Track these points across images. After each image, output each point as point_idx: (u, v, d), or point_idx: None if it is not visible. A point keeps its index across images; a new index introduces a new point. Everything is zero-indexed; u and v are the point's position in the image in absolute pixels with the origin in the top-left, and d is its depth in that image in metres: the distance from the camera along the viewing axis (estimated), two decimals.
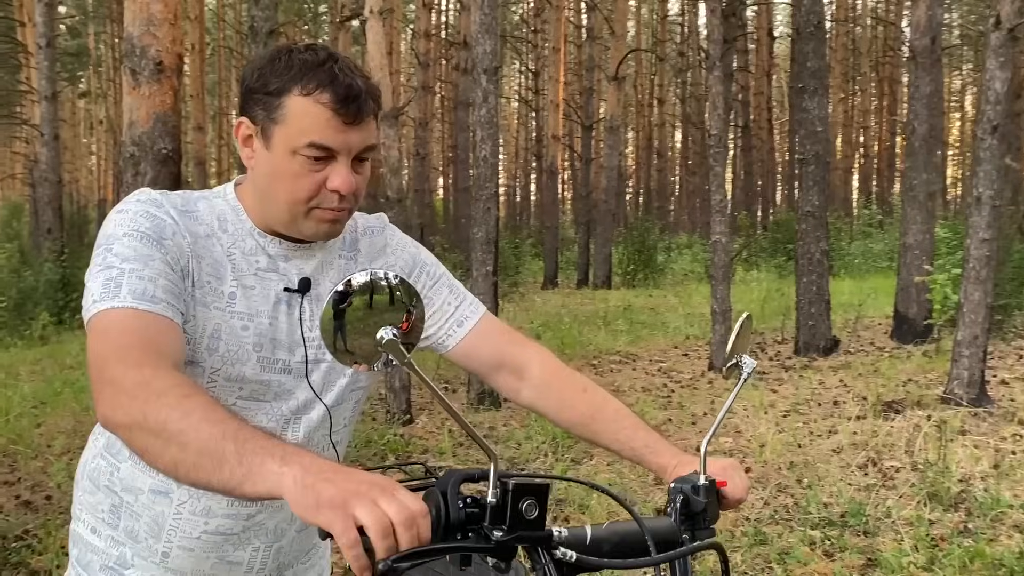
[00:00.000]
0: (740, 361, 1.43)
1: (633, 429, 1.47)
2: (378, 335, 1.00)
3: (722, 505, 1.37)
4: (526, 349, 1.55)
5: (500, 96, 27.54)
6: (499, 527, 1.02)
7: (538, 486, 1.05)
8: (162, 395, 1.05)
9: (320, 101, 1.22)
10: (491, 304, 6.87)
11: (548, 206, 20.31)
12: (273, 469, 0.93)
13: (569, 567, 1.13)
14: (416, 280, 1.51)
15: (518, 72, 44.08)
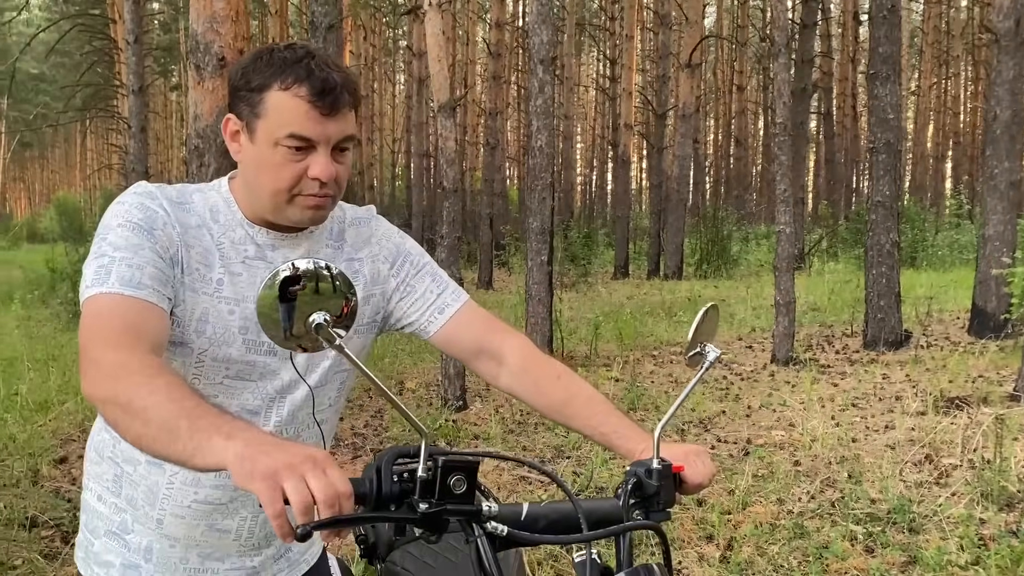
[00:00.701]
0: (703, 349, 1.45)
1: (604, 415, 1.51)
2: (310, 319, 1.07)
3: (681, 490, 1.41)
4: (505, 337, 1.60)
5: (569, 83, 27.35)
6: (427, 500, 1.09)
7: (467, 463, 1.11)
8: (133, 374, 1.14)
9: (298, 95, 1.30)
10: (546, 294, 6.92)
11: (620, 195, 20.16)
12: (219, 444, 1.01)
13: (501, 541, 1.19)
14: (400, 269, 1.58)
15: (595, 60, 43.84)
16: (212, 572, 1.51)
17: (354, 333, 1.53)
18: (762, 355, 8.59)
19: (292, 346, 1.10)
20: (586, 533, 1.23)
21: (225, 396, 1.43)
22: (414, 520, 1.09)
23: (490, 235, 17.15)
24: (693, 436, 5.79)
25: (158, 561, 1.48)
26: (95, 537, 1.52)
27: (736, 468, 4.98)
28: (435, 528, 1.11)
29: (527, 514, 1.25)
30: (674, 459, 1.39)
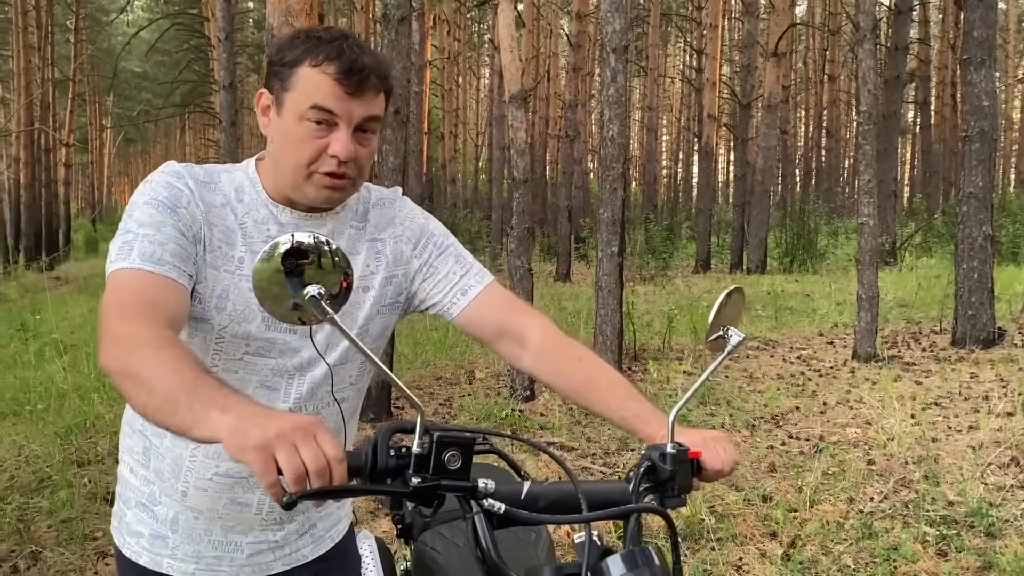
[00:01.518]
0: (726, 333, 1.42)
1: (625, 399, 1.49)
2: (304, 291, 1.07)
3: (701, 476, 1.38)
4: (527, 318, 1.59)
5: (653, 74, 26.97)
6: (421, 475, 1.09)
7: (462, 439, 1.11)
8: (143, 346, 1.17)
9: (326, 71, 1.33)
10: (616, 285, 6.85)
11: (703, 187, 19.82)
12: (214, 417, 1.03)
13: (499, 518, 1.18)
14: (423, 250, 1.59)
15: (681, 51, 43.16)
16: (235, 545, 1.54)
17: (376, 313, 1.55)
18: (843, 351, 8.33)
19: (288, 318, 1.11)
20: (586, 514, 1.22)
21: (245, 372, 1.46)
22: (406, 494, 1.09)
23: (568, 227, 17.08)
24: (763, 432, 5.65)
25: (184, 532, 1.52)
26: (127, 508, 1.57)
27: (806, 465, 4.85)
28: (428, 502, 1.12)
29: (527, 493, 1.24)
30: (693, 444, 1.36)
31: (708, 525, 4.00)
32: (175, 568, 1.54)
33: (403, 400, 6.69)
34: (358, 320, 1.52)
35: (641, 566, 1.15)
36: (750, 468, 4.87)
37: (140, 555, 1.55)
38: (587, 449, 5.33)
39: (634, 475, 1.32)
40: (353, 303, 1.51)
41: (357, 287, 1.52)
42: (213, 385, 1.10)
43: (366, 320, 1.53)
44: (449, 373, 7.63)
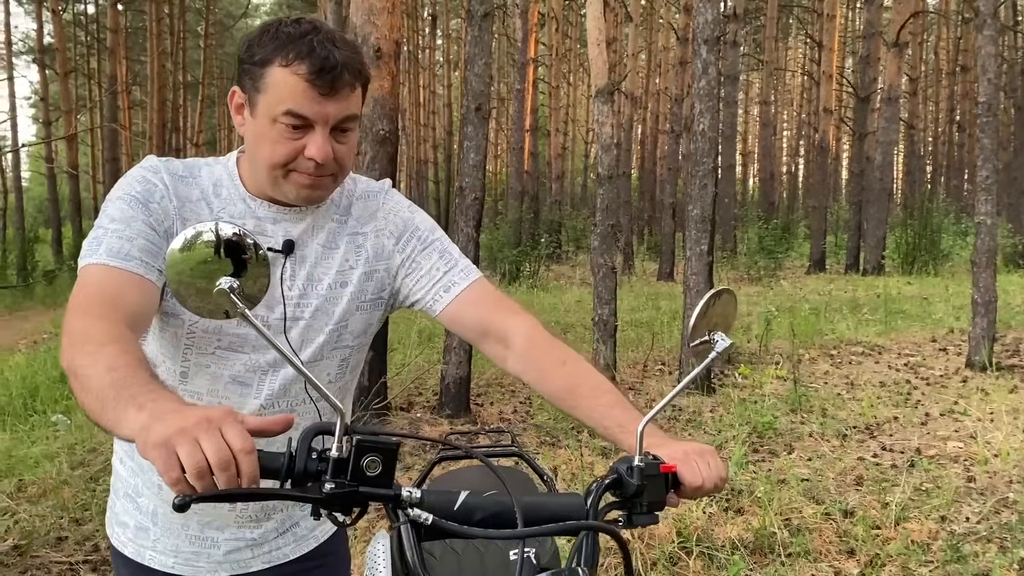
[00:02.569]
0: (712, 337, 1.30)
1: (608, 407, 1.39)
2: (217, 284, 1.02)
3: (679, 492, 1.26)
4: (512, 318, 1.51)
5: (769, 67, 26.02)
6: (337, 480, 1.02)
7: (384, 444, 1.04)
8: (87, 343, 1.14)
9: (297, 72, 1.28)
10: (705, 285, 6.63)
11: (817, 184, 19.03)
12: (131, 416, 0.99)
13: (426, 529, 1.10)
14: (406, 244, 1.53)
15: (802, 43, 41.62)
16: (212, 541, 1.52)
17: (356, 309, 1.51)
18: (956, 359, 7.80)
19: (199, 310, 1.05)
20: (520, 530, 1.12)
21: (216, 366, 1.43)
22: (319, 500, 1.02)
23: (673, 225, 16.73)
24: (855, 442, 5.34)
25: (163, 525, 1.52)
26: (116, 498, 1.58)
27: (896, 479, 4.53)
28: (346, 510, 1.05)
29: (462, 504, 1.15)
30: (670, 457, 1.24)
31: (780, 539, 3.79)
32: (156, 560, 1.53)
33: (483, 398, 6.68)
34: (335, 316, 1.48)
35: None
36: (833, 480, 4.60)
37: (126, 545, 1.55)
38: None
39: (595, 489, 1.22)
40: (329, 299, 1.47)
41: (335, 282, 1.48)
42: (141, 382, 1.06)
43: (343, 316, 1.49)
44: None
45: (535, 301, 12.05)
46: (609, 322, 6.53)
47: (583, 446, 5.21)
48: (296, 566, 1.60)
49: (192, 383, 1.44)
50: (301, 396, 1.49)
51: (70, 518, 4.18)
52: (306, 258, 1.45)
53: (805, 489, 4.43)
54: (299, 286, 1.44)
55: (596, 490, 1.22)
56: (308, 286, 1.45)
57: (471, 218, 5.91)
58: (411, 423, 5.84)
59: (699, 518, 3.95)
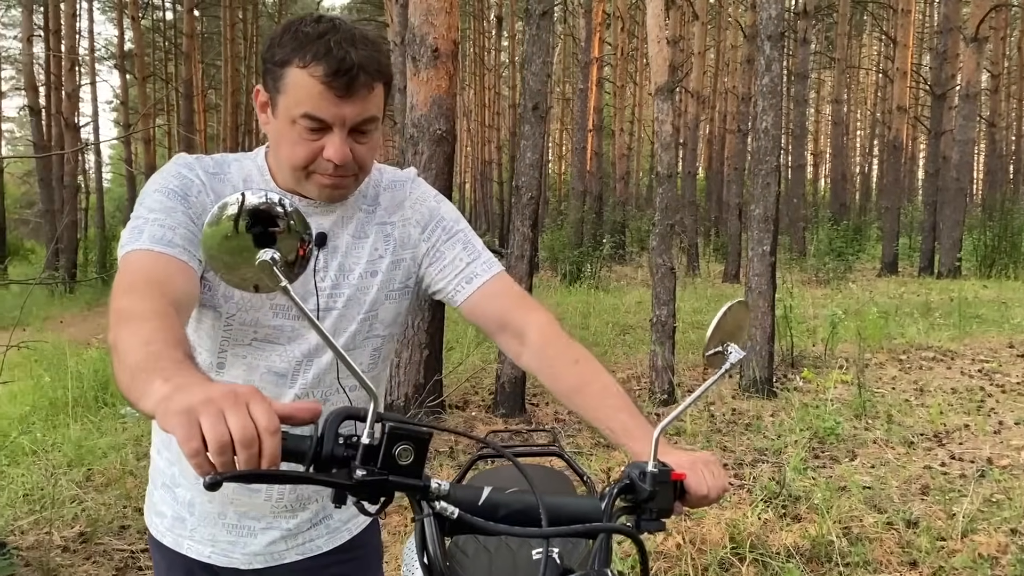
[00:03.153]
0: (726, 349, 1.29)
1: (615, 409, 1.37)
2: (258, 256, 0.99)
3: (684, 501, 1.26)
4: (529, 314, 1.50)
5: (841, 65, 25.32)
6: (367, 467, 1.00)
7: (417, 433, 1.02)
8: (131, 319, 1.13)
9: (314, 74, 1.27)
10: (767, 287, 6.49)
11: (890, 184, 18.47)
12: (155, 388, 0.95)
13: (451, 524, 1.09)
14: (431, 233, 1.53)
15: (876, 39, 40.48)
16: (249, 530, 1.54)
17: (385, 298, 1.51)
18: None
19: (242, 286, 1.03)
20: (545, 529, 1.10)
21: (253, 358, 1.45)
22: (349, 486, 1.00)
23: (739, 225, 16.42)
24: (922, 450, 5.15)
25: (200, 515, 1.53)
26: (154, 488, 1.60)
27: (964, 490, 4.36)
28: (373, 499, 1.02)
29: (486, 499, 1.14)
30: (678, 465, 1.24)
31: (838, 547, 3.68)
32: (193, 550, 1.55)
33: (539, 398, 6.66)
34: (365, 305, 1.49)
35: None
36: (897, 489, 4.45)
37: (164, 535, 1.57)
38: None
39: (609, 493, 1.20)
40: (361, 288, 1.48)
41: (365, 271, 1.48)
42: (175, 359, 1.03)
43: (373, 304, 1.50)
44: None
45: (594, 302, 11.97)
46: (668, 323, 6.44)
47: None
48: (329, 558, 1.61)
49: (228, 374, 1.46)
50: (334, 387, 1.50)
51: (133, 507, 4.30)
52: (337, 249, 1.46)
53: (867, 497, 4.29)
54: (331, 277, 1.45)
55: (610, 494, 1.20)
56: (340, 276, 1.46)
57: (527, 217, 5.90)
58: (465, 422, 5.85)
59: (753, 524, 3.86)
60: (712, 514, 3.98)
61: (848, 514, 4.05)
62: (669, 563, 3.56)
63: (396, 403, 5.73)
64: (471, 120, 32.06)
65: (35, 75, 17.80)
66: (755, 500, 4.16)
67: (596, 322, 9.92)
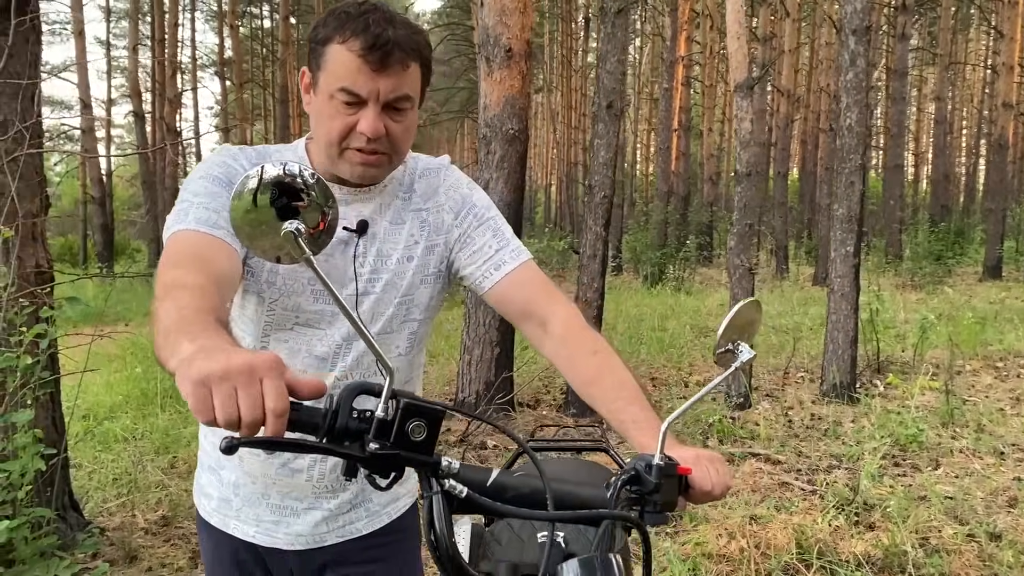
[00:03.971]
0: (736, 348, 1.29)
1: (627, 402, 1.38)
2: (283, 226, 1.00)
3: (688, 496, 1.26)
4: (554, 304, 1.52)
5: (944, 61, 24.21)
6: (381, 442, 1.01)
7: (430, 410, 1.03)
8: (173, 288, 1.17)
9: (351, 48, 1.32)
10: (851, 289, 6.28)
11: (995, 185, 17.61)
12: (182, 348, 0.97)
13: (460, 502, 1.09)
14: (463, 219, 1.56)
15: (984, 35, 38.64)
16: (292, 511, 1.57)
17: (420, 283, 1.54)
18: None
19: (267, 256, 1.04)
20: (551, 512, 1.11)
21: (295, 342, 1.49)
22: (361, 459, 1.01)
23: (829, 227, 15.90)
24: (1012, 461, 4.90)
25: (244, 496, 1.58)
26: (201, 470, 1.66)
27: None
28: (385, 473, 1.04)
29: (494, 481, 1.15)
30: (684, 460, 1.23)
31: (912, 558, 3.54)
32: (239, 530, 1.59)
33: None
34: (401, 289, 1.52)
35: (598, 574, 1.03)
36: (982, 500, 4.24)
37: (211, 516, 1.62)
38: (794, 464, 4.93)
39: (615, 483, 1.20)
40: (398, 273, 1.51)
41: (402, 256, 1.52)
42: (204, 323, 1.05)
43: (409, 288, 1.53)
44: (665, 375, 7.42)
45: (675, 304, 11.80)
46: None
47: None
48: (368, 541, 1.62)
49: None
50: (372, 369, 1.52)
51: None
52: (376, 235, 1.50)
53: (948, 508, 4.11)
54: (370, 262, 1.49)
55: (616, 484, 1.20)
56: (378, 262, 1.50)
57: (600, 216, 5.87)
58: (535, 420, 5.86)
59: (822, 530, 3.75)
60: (779, 519, 3.88)
61: (926, 524, 3.89)
62: (732, 567, 3.49)
63: (467, 400, 5.78)
64: (557, 122, 32.06)
65: (139, 82, 18.70)
66: (826, 506, 4.04)
67: (674, 324, 9.79)
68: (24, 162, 3.55)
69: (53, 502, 3.64)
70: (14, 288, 3.39)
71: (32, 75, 3.66)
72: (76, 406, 5.66)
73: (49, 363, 3.65)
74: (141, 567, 3.70)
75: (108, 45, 30.37)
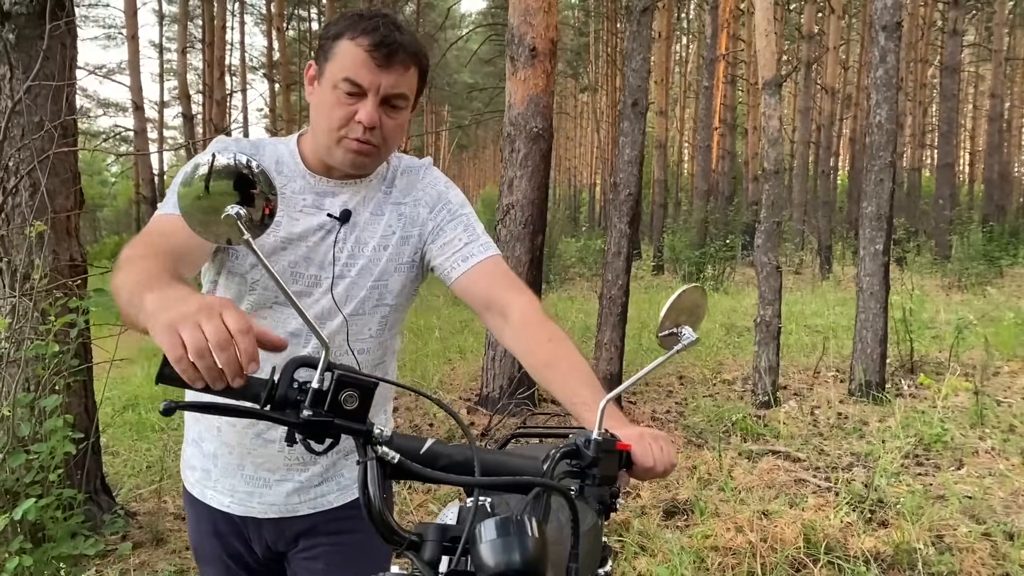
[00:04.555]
0: (680, 331, 1.35)
1: (578, 384, 1.44)
2: (225, 210, 1.06)
3: (632, 472, 1.32)
4: (514, 295, 1.59)
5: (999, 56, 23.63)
6: (316, 410, 1.09)
7: (363, 381, 1.10)
8: (127, 263, 1.29)
9: (360, 44, 1.46)
10: (880, 288, 6.22)
11: None
12: (146, 301, 1.08)
13: (393, 468, 1.16)
14: (437, 213, 1.66)
15: None
16: (264, 481, 1.67)
17: (394, 270, 1.64)
18: None
19: (212, 239, 1.11)
20: (477, 478, 1.17)
21: (273, 320, 1.59)
22: (296, 425, 1.09)
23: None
24: None
25: (222, 467, 1.69)
26: (187, 444, 1.78)
27: None
28: (319, 438, 1.11)
29: (428, 450, 1.22)
30: (627, 437, 1.29)
31: (923, 555, 3.52)
32: (215, 500, 1.70)
33: (637, 396, 6.64)
34: (375, 274, 1.62)
35: (512, 534, 1.08)
36: (1001, 500, 4.19)
37: (193, 486, 1.74)
38: (814, 462, 4.91)
39: (552, 455, 1.26)
40: (372, 259, 1.61)
41: (378, 245, 1.62)
42: (161, 278, 1.16)
43: (382, 274, 1.62)
44: (693, 373, 7.41)
45: (711, 304, 11.74)
46: (772, 323, 6.28)
47: (730, 450, 5.07)
48: (339, 513, 1.71)
49: None
50: (344, 348, 1.62)
51: None
52: (357, 224, 1.61)
53: (966, 507, 4.08)
54: (348, 249, 1.60)
55: (553, 456, 1.25)
56: (356, 248, 1.60)
57: (624, 214, 5.91)
58: (557, 416, 5.91)
59: (833, 526, 3.75)
60: (790, 513, 3.89)
61: (941, 522, 3.86)
62: (738, 559, 3.51)
63: (491, 395, 5.87)
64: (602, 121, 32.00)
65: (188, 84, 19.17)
66: (840, 503, 4.03)
67: (707, 323, 9.75)
68: (57, 160, 3.73)
69: (84, 485, 3.80)
70: (47, 280, 3.56)
71: (68, 76, 3.84)
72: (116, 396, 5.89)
73: (82, 352, 3.83)
74: (167, 549, 3.85)
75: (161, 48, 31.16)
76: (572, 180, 50.43)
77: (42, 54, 3.66)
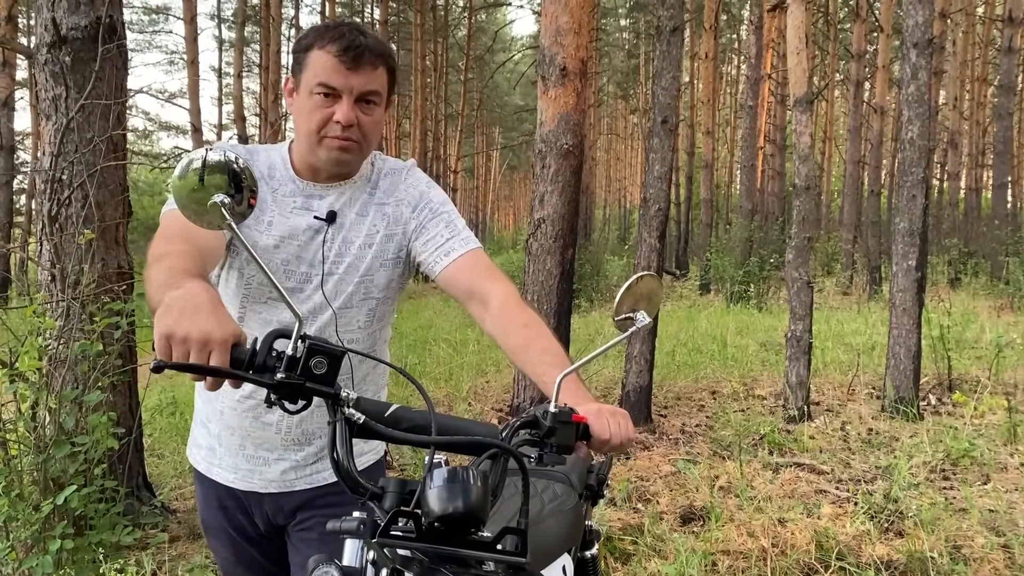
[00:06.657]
0: (635, 315, 1.47)
1: (550, 366, 1.54)
2: (212, 198, 1.23)
3: (590, 445, 1.42)
4: (495, 284, 1.72)
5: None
6: (289, 374, 1.23)
7: (331, 350, 1.25)
8: (160, 259, 1.45)
9: (329, 51, 1.62)
10: (912, 303, 6.20)
11: None
12: (165, 296, 1.23)
13: (359, 428, 1.30)
14: (420, 212, 1.80)
15: None
16: (264, 460, 1.82)
17: (379, 266, 1.78)
18: None
19: (204, 224, 1.26)
20: (434, 438, 1.29)
21: (267, 313, 1.75)
22: (271, 386, 1.23)
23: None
24: None
25: (226, 446, 1.84)
26: (195, 425, 1.93)
27: None
28: (292, 399, 1.25)
29: (391, 413, 1.35)
30: (585, 411, 1.41)
31: (936, 564, 3.54)
32: (221, 476, 1.86)
33: (668, 410, 6.70)
34: (361, 270, 1.76)
35: (457, 482, 1.20)
36: (1023, 514, 4.17)
37: (199, 463, 1.90)
38: (838, 474, 4.92)
39: (511, 424, 1.38)
40: (359, 256, 1.76)
41: (364, 243, 1.76)
42: (186, 276, 1.31)
43: (368, 270, 1.77)
44: (727, 389, 7.43)
45: (750, 322, 11.70)
46: (803, 338, 6.30)
47: (755, 462, 5.11)
48: (334, 488, 1.81)
49: (247, 326, 1.76)
50: (334, 339, 1.76)
51: None
52: (343, 225, 1.76)
53: (987, 519, 4.07)
54: (336, 247, 1.74)
55: (512, 425, 1.38)
56: (343, 247, 1.75)
57: (654, 229, 6.01)
58: None
59: (846, 533, 3.79)
60: (804, 521, 3.93)
61: (959, 533, 3.87)
62: (748, 563, 3.57)
63: (522, 405, 5.99)
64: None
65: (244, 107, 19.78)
66: (857, 512, 4.05)
67: (745, 340, 9.74)
68: (107, 173, 3.99)
69: (126, 480, 4.03)
70: (95, 285, 3.81)
71: (118, 96, 4.11)
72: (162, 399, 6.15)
73: (126, 353, 4.07)
74: (201, 543, 4.04)
75: (220, 73, 32.12)
76: (621, 200, 50.39)
77: (95, 75, 3.93)
